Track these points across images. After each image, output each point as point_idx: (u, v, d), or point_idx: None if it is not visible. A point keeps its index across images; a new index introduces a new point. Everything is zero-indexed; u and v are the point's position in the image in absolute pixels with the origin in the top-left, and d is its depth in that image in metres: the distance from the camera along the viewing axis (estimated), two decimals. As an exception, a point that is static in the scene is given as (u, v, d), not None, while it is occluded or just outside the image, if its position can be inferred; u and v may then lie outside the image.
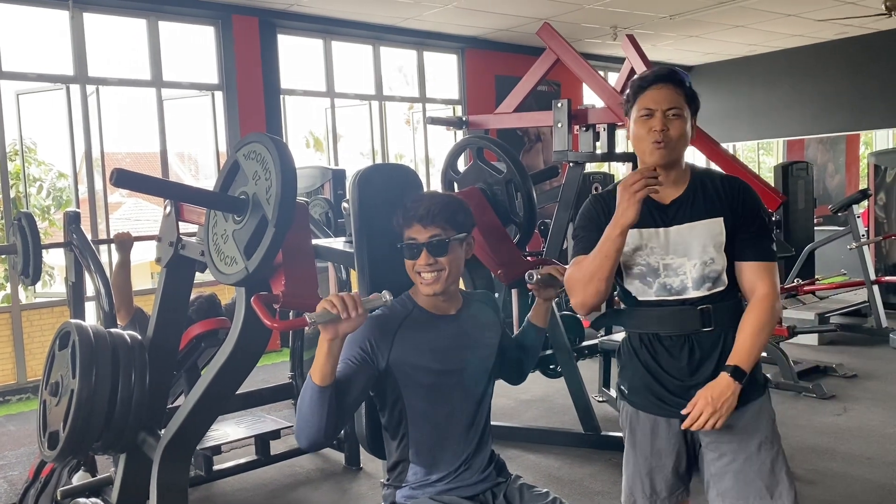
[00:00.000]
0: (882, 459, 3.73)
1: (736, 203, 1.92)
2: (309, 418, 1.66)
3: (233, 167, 2.04)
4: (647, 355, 1.97)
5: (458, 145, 2.97)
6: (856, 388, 4.99)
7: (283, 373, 4.42)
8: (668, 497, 2.04)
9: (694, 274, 1.90)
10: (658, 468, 2.02)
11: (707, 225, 1.90)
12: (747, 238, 1.91)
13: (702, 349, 1.92)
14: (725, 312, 1.93)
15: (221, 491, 3.70)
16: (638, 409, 2.02)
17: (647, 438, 2.01)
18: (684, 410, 1.87)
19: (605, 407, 4.65)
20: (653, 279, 1.94)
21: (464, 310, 1.94)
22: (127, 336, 2.41)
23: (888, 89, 9.08)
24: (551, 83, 8.72)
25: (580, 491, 3.49)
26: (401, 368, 1.81)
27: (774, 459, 1.92)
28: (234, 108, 6.81)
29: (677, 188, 1.94)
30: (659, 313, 1.94)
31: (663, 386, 1.95)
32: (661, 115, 1.88)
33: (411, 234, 1.84)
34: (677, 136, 1.88)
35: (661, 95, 1.89)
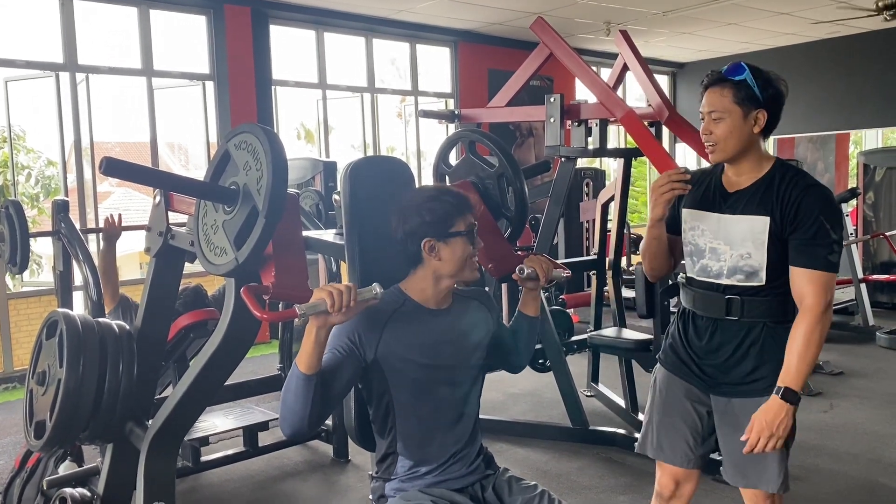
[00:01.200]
0: (867, 456, 3.76)
1: (789, 206, 1.93)
2: (293, 407, 1.67)
3: (223, 157, 2.02)
4: (682, 326, 2.17)
5: (450, 139, 2.96)
6: (842, 385, 5.03)
7: (271, 364, 4.41)
8: (671, 456, 2.18)
9: (730, 263, 2.01)
10: (669, 427, 2.17)
11: (752, 221, 1.98)
12: (800, 244, 1.93)
13: (723, 335, 2.06)
14: (758, 306, 2.01)
15: (209, 482, 3.69)
16: (664, 366, 2.21)
17: (665, 395, 2.19)
18: (743, 437, 1.94)
19: (594, 402, 4.66)
20: (697, 258, 2.09)
21: (455, 305, 1.94)
22: (115, 326, 2.39)
23: (878, 89, 9.12)
24: (544, 78, 8.72)
25: (568, 485, 3.51)
26: (388, 361, 1.81)
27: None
28: (225, 99, 6.77)
29: (748, 178, 2.03)
30: (696, 294, 2.11)
31: (688, 354, 2.13)
32: (707, 120, 2.01)
33: (470, 221, 1.87)
34: (722, 137, 1.98)
35: (707, 100, 2.02)
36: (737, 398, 2.06)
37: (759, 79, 1.97)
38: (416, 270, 1.89)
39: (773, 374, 2.00)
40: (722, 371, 2.07)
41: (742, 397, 2.05)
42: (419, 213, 1.83)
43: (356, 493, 3.51)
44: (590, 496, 3.39)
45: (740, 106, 1.96)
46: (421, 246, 1.84)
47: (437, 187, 1.98)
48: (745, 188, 2.02)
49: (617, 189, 4.57)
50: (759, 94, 1.96)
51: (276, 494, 3.57)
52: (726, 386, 2.07)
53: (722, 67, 2.03)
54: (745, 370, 2.04)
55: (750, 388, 2.04)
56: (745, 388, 2.04)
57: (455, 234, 1.84)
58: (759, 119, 1.97)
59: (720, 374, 2.07)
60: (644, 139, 3.93)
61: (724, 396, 2.08)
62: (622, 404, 4.38)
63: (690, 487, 2.22)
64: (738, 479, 2.09)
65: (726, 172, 2.08)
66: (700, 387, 2.12)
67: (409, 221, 1.84)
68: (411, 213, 1.84)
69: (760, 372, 2.02)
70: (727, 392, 2.07)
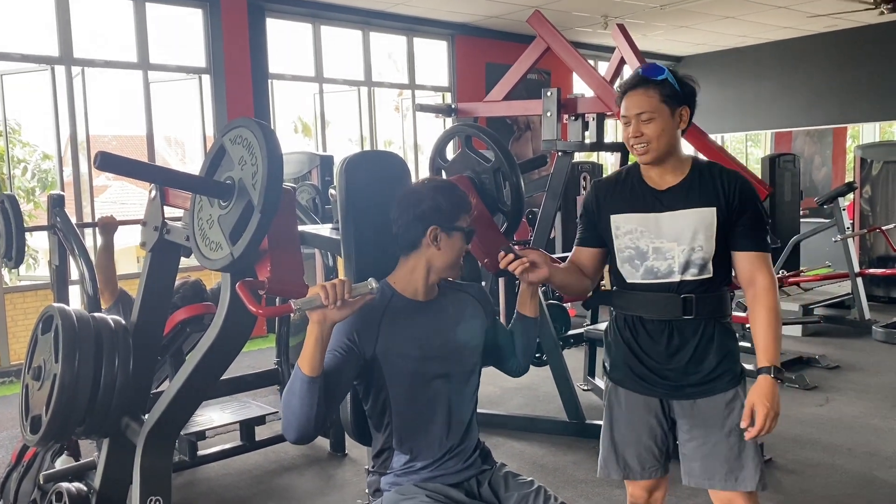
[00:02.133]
0: (862, 450, 3.78)
1: (731, 195, 1.99)
2: (298, 410, 1.65)
3: (219, 152, 2.02)
4: (629, 336, 2.09)
5: (447, 133, 2.95)
6: (838, 379, 5.04)
7: (268, 358, 4.40)
8: (640, 472, 2.14)
9: (681, 259, 1.99)
10: (632, 443, 2.12)
11: (699, 213, 1.98)
12: (743, 229, 2.00)
13: (681, 335, 2.03)
14: (709, 303, 2.02)
15: (205, 476, 3.69)
16: (617, 384, 2.14)
17: (624, 413, 2.13)
18: (743, 424, 1.93)
19: (590, 395, 4.67)
20: (640, 262, 2.04)
21: (443, 297, 1.94)
22: (111, 320, 2.39)
23: (876, 83, 9.12)
24: (541, 71, 8.70)
25: (564, 478, 3.51)
26: (386, 357, 1.81)
27: (742, 446, 2.01)
28: (222, 92, 6.75)
29: (674, 176, 2.03)
30: (643, 297, 2.06)
31: (643, 364, 2.07)
32: (635, 122, 2.00)
33: (470, 221, 1.90)
34: (654, 136, 1.98)
35: (632, 102, 2.01)
36: (702, 398, 2.03)
37: (675, 77, 2.00)
38: (408, 259, 1.88)
39: (732, 368, 2.04)
40: (683, 373, 2.02)
41: (708, 396, 2.03)
42: (434, 199, 1.84)
43: (353, 487, 3.51)
44: (586, 489, 3.40)
45: (667, 104, 1.97)
46: (426, 232, 1.84)
47: (447, 181, 2.00)
48: (677, 184, 2.02)
49: (614, 183, 4.57)
50: (680, 90, 1.99)
51: (273, 488, 3.57)
52: (690, 388, 2.03)
53: (636, 70, 2.06)
54: (708, 367, 2.02)
55: (714, 385, 2.02)
56: (709, 387, 2.02)
57: (459, 228, 1.86)
58: (683, 116, 2.01)
59: (683, 376, 2.03)
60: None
61: (688, 399, 2.05)
62: (619, 398, 4.38)
63: (662, 493, 2.22)
64: (711, 481, 2.05)
65: (647, 174, 2.06)
66: (662, 395, 2.07)
67: (422, 205, 1.84)
68: (425, 197, 1.85)
69: (723, 366, 2.03)
70: (691, 394, 2.04)
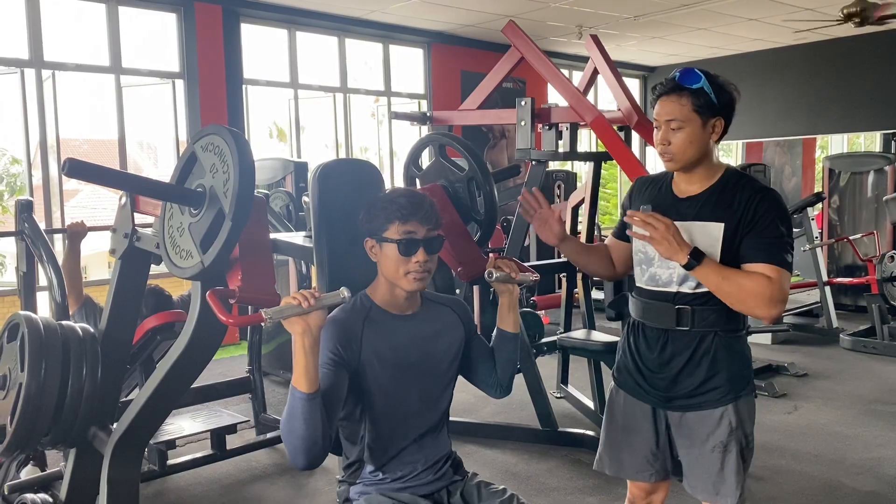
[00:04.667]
0: (829, 457, 3.83)
1: (746, 211, 1.91)
2: (303, 433, 1.60)
3: (190, 159, 2.01)
4: (632, 341, 2.11)
5: (421, 142, 2.96)
6: (806, 386, 5.11)
7: (240, 366, 4.37)
8: (634, 474, 2.17)
9: (681, 270, 1.94)
10: (627, 444, 2.15)
11: (705, 228, 1.94)
12: (756, 243, 1.90)
13: (674, 346, 2.01)
14: (707, 315, 1.98)
15: (175, 486, 3.65)
16: (619, 386, 2.16)
17: (622, 415, 2.15)
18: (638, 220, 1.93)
19: (563, 403, 4.69)
20: (646, 267, 2.05)
21: (421, 311, 1.92)
22: (79, 328, 2.36)
23: (844, 95, 9.30)
24: (517, 80, 8.75)
25: (537, 487, 3.52)
26: (366, 370, 1.79)
27: (725, 462, 2.00)
28: (196, 97, 6.70)
29: (698, 186, 2.00)
30: (644, 304, 2.06)
31: (639, 371, 2.08)
32: (664, 128, 1.96)
33: (408, 229, 1.77)
34: (679, 147, 1.94)
35: (664, 108, 1.95)
36: (690, 412, 2.03)
37: (714, 85, 1.93)
38: (378, 273, 1.87)
39: (726, 384, 1.99)
40: (673, 384, 2.02)
41: (695, 410, 2.01)
42: (365, 211, 1.83)
43: (324, 496, 3.49)
44: (559, 497, 3.41)
45: (699, 114, 1.92)
46: (364, 244, 1.84)
47: (400, 190, 1.91)
48: (696, 195, 1.99)
49: (587, 192, 4.61)
50: (716, 100, 1.93)
51: (244, 498, 3.54)
52: (679, 400, 2.03)
53: (674, 73, 1.96)
54: (696, 381, 2.00)
55: (703, 399, 2.00)
56: (698, 401, 2.01)
57: (386, 239, 1.79)
58: (716, 127, 1.95)
59: (672, 387, 2.03)
60: (613, 143, 3.97)
61: (677, 411, 2.05)
62: (591, 406, 4.41)
63: (661, 496, 2.23)
64: (696, 491, 2.08)
65: (676, 180, 2.05)
66: (654, 404, 2.08)
67: (359, 218, 1.85)
68: (362, 209, 1.85)
69: (713, 382, 1.99)
70: (680, 406, 2.04)
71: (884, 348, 5.95)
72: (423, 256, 1.79)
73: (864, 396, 4.86)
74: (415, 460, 1.88)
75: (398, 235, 1.78)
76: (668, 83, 1.96)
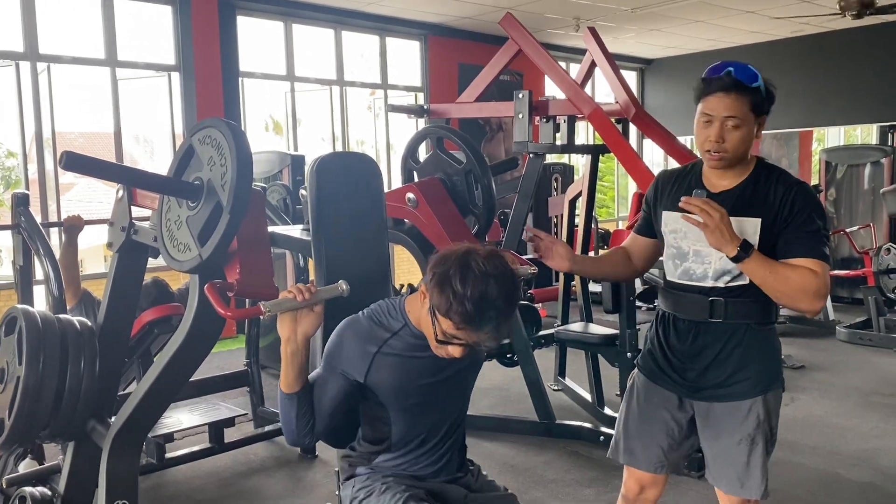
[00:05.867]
0: (826, 448, 3.85)
1: (783, 206, 1.91)
2: (285, 422, 1.71)
3: (187, 152, 2.01)
4: (661, 332, 2.11)
5: (419, 134, 2.96)
6: (804, 378, 5.13)
7: (238, 360, 4.37)
8: (644, 463, 2.16)
9: (717, 265, 1.96)
10: (643, 434, 2.15)
11: (742, 223, 1.92)
12: (795, 238, 1.90)
13: (706, 338, 2.02)
14: (742, 307, 1.97)
15: (174, 479, 3.65)
16: (642, 372, 2.16)
17: (642, 402, 2.16)
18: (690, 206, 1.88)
19: (561, 396, 4.70)
20: (680, 262, 2.04)
21: None
22: (77, 322, 2.35)
23: (841, 88, 9.30)
24: (514, 73, 8.73)
25: (534, 479, 3.53)
26: (379, 386, 1.74)
27: (751, 455, 2.01)
28: (192, 90, 6.68)
29: (731, 180, 1.98)
30: (677, 297, 2.06)
31: (668, 361, 2.08)
32: (719, 126, 1.90)
33: (458, 336, 1.57)
34: (734, 145, 1.90)
35: (722, 104, 1.89)
36: (718, 402, 2.02)
37: (766, 83, 1.90)
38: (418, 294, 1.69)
39: (756, 376, 1.99)
40: (703, 375, 2.02)
41: (724, 401, 2.01)
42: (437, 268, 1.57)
43: (323, 489, 3.50)
44: (556, 490, 3.42)
45: (755, 113, 1.90)
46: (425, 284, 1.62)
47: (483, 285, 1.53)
48: (730, 189, 1.96)
49: (584, 185, 4.60)
50: (766, 99, 1.91)
51: (243, 491, 3.54)
52: (708, 390, 2.02)
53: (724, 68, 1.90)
54: (727, 372, 1.99)
55: (732, 390, 2.00)
56: (727, 391, 2.00)
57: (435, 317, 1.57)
58: (762, 125, 1.94)
59: (702, 378, 2.03)
60: (611, 136, 3.97)
61: (705, 401, 2.04)
62: (588, 398, 4.42)
63: (656, 492, 2.22)
64: (719, 483, 2.08)
65: (706, 174, 2.02)
66: (681, 393, 2.07)
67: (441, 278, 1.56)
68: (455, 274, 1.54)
69: (743, 374, 1.99)
70: (709, 397, 2.03)
71: (880, 340, 5.97)
72: (457, 353, 1.62)
73: (860, 388, 4.87)
74: (432, 452, 1.87)
75: (441, 336, 1.59)
76: (725, 79, 1.89)
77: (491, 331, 1.55)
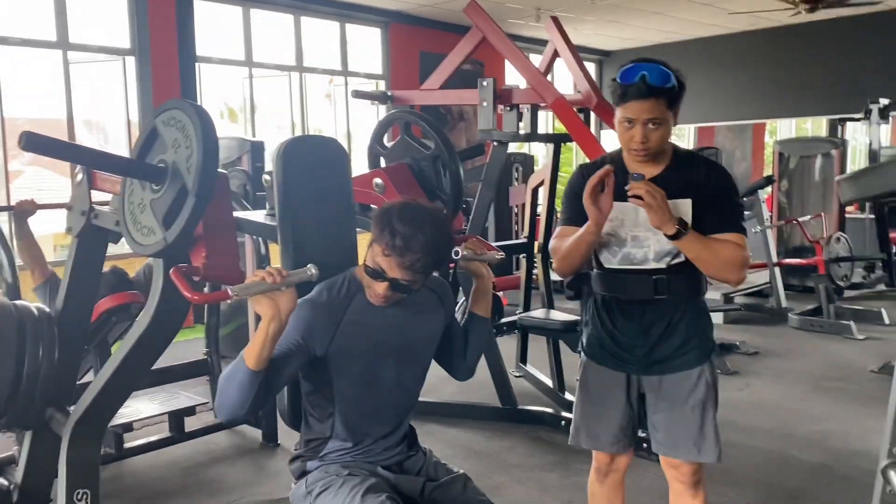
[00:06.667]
0: (780, 431, 3.96)
1: (707, 186, 2.05)
2: (234, 397, 1.63)
3: (151, 134, 1.97)
4: (605, 315, 2.18)
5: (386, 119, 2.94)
6: (757, 364, 5.26)
7: (196, 349, 4.30)
8: (608, 445, 2.24)
9: (656, 247, 2.06)
10: (602, 417, 2.22)
11: (675, 204, 2.01)
12: (718, 214, 2.05)
13: (653, 314, 2.11)
14: (681, 283, 2.10)
15: (132, 469, 3.59)
16: (592, 359, 2.23)
17: (596, 388, 2.23)
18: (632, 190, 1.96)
19: (522, 382, 4.74)
20: (618, 248, 2.11)
21: (405, 297, 1.87)
22: (34, 308, 2.30)
23: (793, 80, 9.52)
24: (475, 62, 8.72)
25: (497, 464, 3.56)
26: (337, 357, 1.78)
27: (705, 420, 2.13)
28: (147, 75, 6.54)
29: (656, 167, 2.08)
30: (619, 280, 2.13)
31: (614, 342, 2.16)
32: (641, 128, 1.98)
33: (382, 264, 1.71)
34: (657, 143, 2.01)
35: (643, 108, 1.96)
36: (668, 374, 2.13)
37: (677, 79, 2.00)
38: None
39: (700, 346, 2.13)
40: (653, 350, 2.12)
41: (674, 372, 2.13)
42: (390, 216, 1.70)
43: (286, 476, 3.42)
44: (519, 474, 3.45)
45: (671, 109, 2.00)
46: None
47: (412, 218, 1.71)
48: (657, 175, 2.05)
49: (547, 174, 4.63)
50: (679, 91, 2.01)
51: (204, 480, 3.50)
52: (658, 364, 2.13)
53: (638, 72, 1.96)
54: (675, 344, 2.11)
55: (682, 360, 2.12)
56: (677, 362, 2.12)
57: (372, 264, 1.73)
58: (677, 114, 2.05)
59: (651, 353, 2.12)
60: (574, 125, 3.99)
61: (656, 375, 2.15)
62: (550, 384, 4.47)
63: (625, 460, 2.32)
64: (677, 452, 2.16)
65: (629, 162, 2.09)
66: (631, 371, 2.17)
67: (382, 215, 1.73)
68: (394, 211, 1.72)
69: (690, 344, 2.12)
70: (659, 370, 2.14)
71: (829, 327, 6.15)
72: (384, 291, 1.75)
73: (811, 373, 5.02)
74: (380, 437, 1.89)
75: (371, 262, 1.74)
76: (641, 86, 1.94)
77: (413, 263, 1.68)
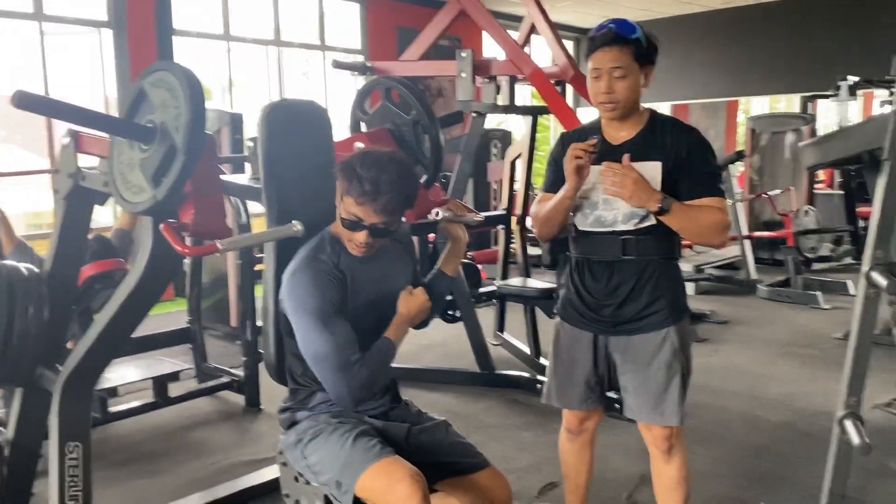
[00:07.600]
0: (747, 393, 4.11)
1: (681, 150, 2.08)
2: (382, 374, 1.87)
3: (139, 95, 2.01)
4: (577, 276, 2.23)
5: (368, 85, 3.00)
6: (726, 332, 5.42)
7: (176, 321, 4.36)
8: (578, 404, 2.30)
9: (625, 210, 2.10)
10: (572, 376, 2.27)
11: (644, 167, 2.06)
12: (693, 178, 2.09)
13: (621, 274, 2.16)
14: (650, 244, 2.13)
15: (117, 433, 3.65)
16: (563, 320, 2.28)
17: (566, 348, 2.28)
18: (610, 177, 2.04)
19: (500, 350, 4.85)
20: (590, 211, 2.16)
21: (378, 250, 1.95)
22: (24, 268, 2.34)
23: (766, 58, 9.66)
24: (452, 38, 8.75)
25: (475, 424, 3.67)
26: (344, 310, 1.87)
27: (668, 382, 2.16)
28: (124, 48, 6.50)
29: (630, 131, 2.13)
30: (591, 241, 2.18)
31: (584, 302, 2.21)
32: (607, 78, 2.04)
33: (357, 213, 1.81)
34: (624, 94, 2.05)
35: (607, 57, 2.04)
36: (636, 335, 2.16)
37: (646, 35, 2.06)
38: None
39: (668, 308, 2.15)
40: (620, 310, 2.16)
41: (641, 333, 2.16)
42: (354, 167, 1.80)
43: (269, 438, 3.55)
44: (496, 433, 3.56)
45: (638, 62, 2.04)
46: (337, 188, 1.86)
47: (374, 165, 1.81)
48: (630, 139, 2.11)
49: (524, 147, 4.72)
50: (647, 49, 2.06)
51: (188, 443, 3.57)
52: (625, 325, 2.17)
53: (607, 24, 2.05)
54: (641, 305, 2.14)
55: (647, 322, 2.15)
56: (643, 324, 2.15)
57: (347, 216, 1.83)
58: (648, 75, 2.09)
59: (618, 313, 2.17)
60: (551, 96, 4.08)
61: (624, 335, 2.19)
62: (527, 351, 4.59)
63: (594, 421, 2.38)
64: (640, 415, 2.21)
65: (606, 129, 2.16)
66: (599, 331, 2.21)
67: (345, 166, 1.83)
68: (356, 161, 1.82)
69: (656, 306, 2.14)
70: (626, 331, 2.17)
71: (798, 297, 6.32)
72: (364, 238, 1.85)
73: (779, 340, 5.18)
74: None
75: (346, 214, 1.84)
76: (607, 34, 2.05)
77: (386, 204, 1.78)
